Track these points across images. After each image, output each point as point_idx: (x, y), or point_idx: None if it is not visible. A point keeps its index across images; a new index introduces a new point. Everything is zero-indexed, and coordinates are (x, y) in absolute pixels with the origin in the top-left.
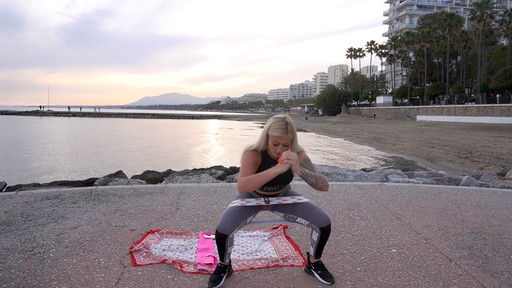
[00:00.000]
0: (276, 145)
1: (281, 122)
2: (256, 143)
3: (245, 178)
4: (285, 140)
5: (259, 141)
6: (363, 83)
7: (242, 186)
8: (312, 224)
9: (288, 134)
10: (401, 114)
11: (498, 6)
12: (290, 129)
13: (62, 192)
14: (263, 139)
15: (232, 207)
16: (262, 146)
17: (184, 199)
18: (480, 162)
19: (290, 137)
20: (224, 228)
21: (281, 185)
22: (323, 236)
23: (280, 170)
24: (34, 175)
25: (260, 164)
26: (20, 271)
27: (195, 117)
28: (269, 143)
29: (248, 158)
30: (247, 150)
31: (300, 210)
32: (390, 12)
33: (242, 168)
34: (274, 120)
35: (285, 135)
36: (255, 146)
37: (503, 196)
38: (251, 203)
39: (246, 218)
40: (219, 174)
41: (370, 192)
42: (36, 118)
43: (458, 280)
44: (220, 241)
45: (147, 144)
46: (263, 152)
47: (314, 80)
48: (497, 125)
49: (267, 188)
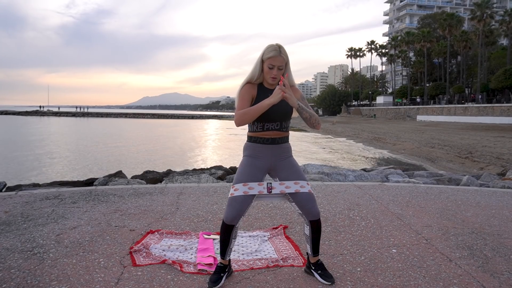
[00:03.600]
0: (271, 68)
1: (274, 46)
2: (250, 73)
3: (241, 111)
4: (279, 61)
5: (253, 70)
6: (363, 83)
7: (238, 119)
8: (303, 215)
9: (282, 55)
10: (401, 114)
11: (498, 6)
12: (283, 51)
13: (61, 192)
14: (258, 66)
15: (235, 196)
16: (257, 74)
17: (184, 199)
18: (480, 162)
19: (284, 58)
20: (232, 218)
21: (281, 121)
22: (313, 229)
23: (274, 100)
24: (34, 175)
25: (255, 96)
26: (20, 271)
27: (195, 117)
28: (264, 69)
29: (244, 91)
30: (243, 84)
31: (299, 198)
32: (390, 12)
33: (238, 102)
34: (268, 45)
35: (279, 56)
36: (250, 77)
37: (503, 196)
38: (254, 190)
39: (249, 203)
40: (219, 174)
41: (370, 192)
42: (35, 118)
43: (458, 280)
44: (227, 232)
45: (147, 144)
46: (259, 85)
47: (314, 80)
48: (497, 125)
49: (268, 125)
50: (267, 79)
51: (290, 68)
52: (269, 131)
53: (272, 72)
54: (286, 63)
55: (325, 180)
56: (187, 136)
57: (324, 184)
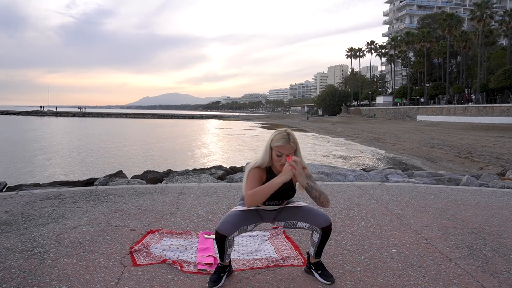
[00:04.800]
0: (279, 156)
1: (283, 133)
2: (260, 159)
3: (252, 191)
4: (288, 149)
5: (263, 156)
6: (363, 83)
7: (249, 199)
8: (313, 226)
9: (291, 143)
10: (401, 114)
11: (498, 6)
12: (292, 139)
13: (62, 192)
14: (267, 153)
15: (234, 210)
16: (267, 161)
17: (184, 199)
18: (480, 162)
19: (292, 146)
20: (224, 229)
21: (283, 199)
22: (324, 236)
23: (284, 178)
24: (34, 175)
25: (265, 180)
26: (20, 271)
27: (195, 117)
28: (273, 156)
29: (254, 173)
30: (252, 168)
31: (301, 213)
32: (390, 12)
33: (248, 182)
34: (276, 132)
35: (287, 144)
36: (259, 162)
37: (503, 196)
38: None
39: (247, 224)
40: (219, 174)
41: (370, 192)
42: (36, 118)
43: (458, 280)
44: (220, 241)
45: (147, 144)
46: (267, 168)
47: (314, 80)
48: (497, 125)
49: (269, 202)
50: (276, 166)
51: (300, 152)
52: (269, 205)
53: (280, 159)
54: (296, 149)
55: (325, 180)
56: (187, 136)
57: (324, 184)
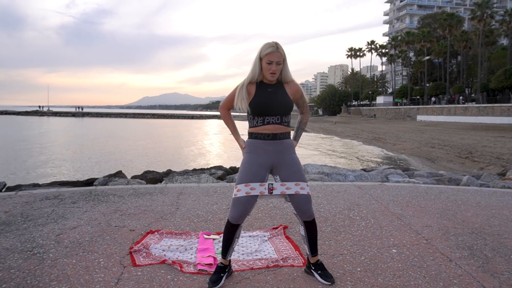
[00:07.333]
0: (269, 63)
1: (271, 43)
2: (250, 73)
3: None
4: (277, 57)
5: (253, 69)
6: (363, 83)
7: (221, 112)
8: (297, 215)
9: (279, 50)
10: (401, 114)
11: (498, 6)
12: (280, 47)
13: (61, 192)
14: (256, 65)
15: (238, 198)
16: (257, 73)
17: (184, 199)
18: (480, 162)
19: (281, 54)
20: (237, 218)
21: (281, 116)
22: (308, 230)
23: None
24: (34, 175)
25: (254, 93)
26: (20, 271)
27: (195, 117)
28: (263, 65)
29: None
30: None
31: (297, 199)
32: (390, 12)
33: (230, 94)
34: (264, 44)
35: (276, 51)
36: (250, 76)
37: (503, 196)
38: (255, 191)
39: (253, 203)
40: (219, 174)
41: (370, 192)
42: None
43: (458, 280)
44: (231, 232)
45: (147, 144)
46: (258, 83)
47: (314, 80)
48: (497, 125)
49: (268, 119)
50: (266, 75)
51: (287, 64)
52: (270, 125)
53: (271, 67)
54: (284, 59)
55: (325, 180)
56: (187, 136)
57: (324, 184)
